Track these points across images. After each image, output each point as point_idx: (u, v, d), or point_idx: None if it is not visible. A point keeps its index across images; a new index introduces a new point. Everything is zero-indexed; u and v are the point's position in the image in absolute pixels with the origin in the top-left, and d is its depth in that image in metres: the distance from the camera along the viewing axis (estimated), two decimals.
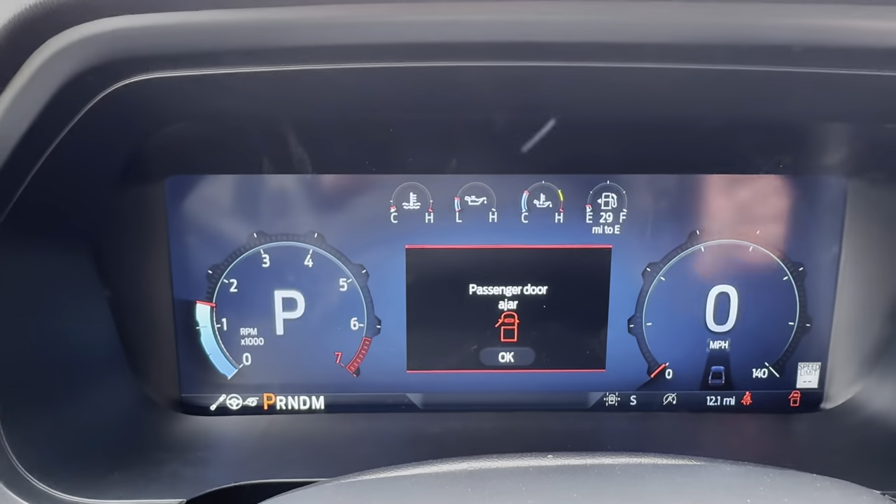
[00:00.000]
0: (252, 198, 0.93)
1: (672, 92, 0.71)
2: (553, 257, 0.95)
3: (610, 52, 0.65)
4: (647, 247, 0.95)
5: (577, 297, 0.97)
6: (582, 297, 0.97)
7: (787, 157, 0.87)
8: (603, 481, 0.58)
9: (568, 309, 0.97)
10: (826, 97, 0.70)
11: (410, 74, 0.67)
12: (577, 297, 0.97)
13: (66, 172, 0.73)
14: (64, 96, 0.64)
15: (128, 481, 0.78)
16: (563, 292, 0.96)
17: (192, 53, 0.64)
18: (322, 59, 0.65)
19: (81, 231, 0.85)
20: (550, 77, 0.68)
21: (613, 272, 0.96)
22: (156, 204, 0.92)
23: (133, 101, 0.68)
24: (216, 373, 0.99)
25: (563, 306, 0.97)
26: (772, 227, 0.95)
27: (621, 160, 0.91)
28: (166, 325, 0.97)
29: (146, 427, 0.93)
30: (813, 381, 1.00)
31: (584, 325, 0.98)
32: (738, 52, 0.63)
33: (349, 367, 0.99)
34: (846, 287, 0.96)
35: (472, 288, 0.96)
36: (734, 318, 0.97)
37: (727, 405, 1.01)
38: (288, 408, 1.00)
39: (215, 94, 0.69)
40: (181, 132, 0.80)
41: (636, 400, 1.01)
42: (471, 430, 0.95)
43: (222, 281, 0.96)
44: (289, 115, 0.78)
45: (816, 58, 0.63)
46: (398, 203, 0.93)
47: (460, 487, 0.57)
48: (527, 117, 0.80)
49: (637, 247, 0.95)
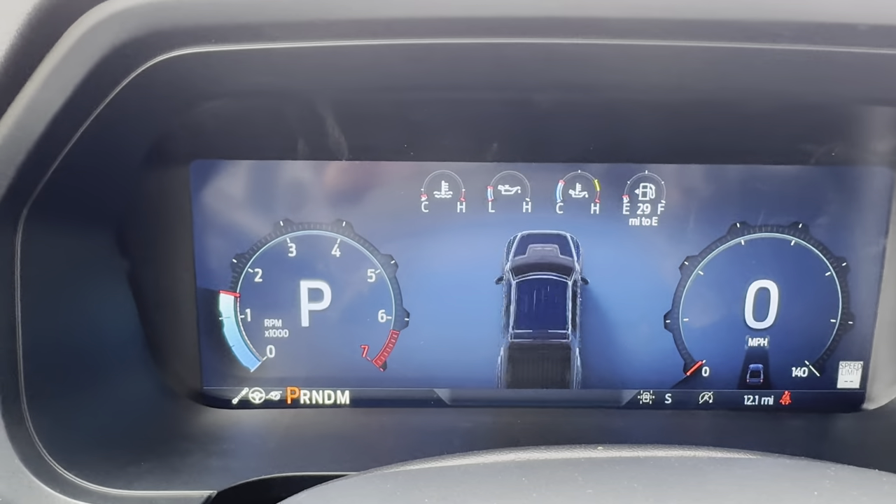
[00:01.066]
0: (278, 185, 0.91)
1: (722, 72, 0.68)
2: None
3: (658, 30, 0.63)
4: (686, 240, 0.93)
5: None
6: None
7: (837, 145, 0.85)
8: (662, 473, 0.55)
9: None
10: (885, 79, 0.68)
11: (452, 51, 0.65)
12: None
13: (97, 151, 0.71)
14: (102, 71, 0.63)
15: (155, 472, 0.76)
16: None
17: (232, 27, 0.62)
18: (363, 34, 0.63)
19: (107, 215, 0.83)
20: (595, 56, 0.66)
21: (650, 266, 0.93)
22: (180, 189, 0.90)
23: (170, 77, 0.66)
24: (239, 365, 0.96)
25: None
26: (815, 220, 0.93)
27: (661, 149, 0.89)
28: (188, 315, 0.95)
29: (169, 419, 0.90)
30: (854, 380, 0.97)
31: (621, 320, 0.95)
32: (802, 30, 0.61)
33: (376, 360, 0.96)
34: (891, 283, 0.94)
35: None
36: (774, 314, 0.95)
37: (765, 405, 0.98)
38: (312, 402, 0.98)
39: (254, 71, 0.67)
40: (212, 112, 0.78)
41: (671, 398, 0.98)
42: (502, 425, 0.93)
43: (247, 270, 0.94)
44: (327, 93, 0.76)
45: (881, 37, 0.61)
46: (429, 192, 0.91)
47: (513, 477, 0.54)
48: (568, 98, 0.77)
49: (675, 239, 0.93)
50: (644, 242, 0.93)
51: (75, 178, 0.71)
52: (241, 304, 0.94)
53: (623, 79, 0.71)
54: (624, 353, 0.96)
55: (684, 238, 0.93)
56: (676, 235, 0.93)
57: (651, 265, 0.94)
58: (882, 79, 0.68)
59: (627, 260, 0.93)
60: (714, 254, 0.93)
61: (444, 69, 0.68)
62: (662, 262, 0.94)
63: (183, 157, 0.89)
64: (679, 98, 0.78)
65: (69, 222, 0.77)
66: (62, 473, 0.71)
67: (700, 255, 0.94)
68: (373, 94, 0.75)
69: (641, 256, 0.93)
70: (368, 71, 0.68)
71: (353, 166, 0.90)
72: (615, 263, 0.93)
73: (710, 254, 0.94)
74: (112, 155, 0.76)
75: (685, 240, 0.93)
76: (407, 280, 0.94)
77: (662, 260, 0.94)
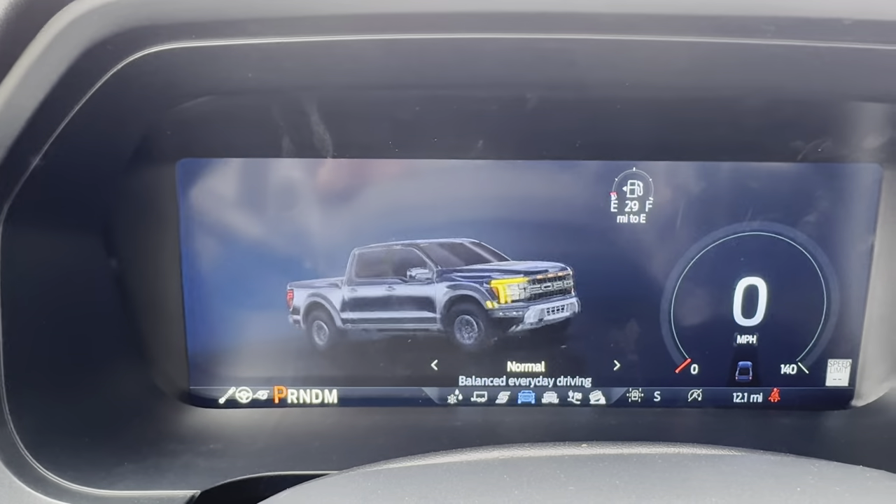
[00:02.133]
0: (266, 183, 0.90)
1: (708, 68, 0.68)
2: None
3: (644, 25, 0.62)
4: (674, 237, 0.93)
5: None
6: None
7: (825, 141, 0.85)
8: (645, 470, 0.55)
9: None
10: (870, 74, 0.68)
11: (437, 47, 0.64)
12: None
13: (78, 150, 0.71)
14: (81, 66, 0.62)
15: (139, 471, 0.76)
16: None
17: (213, 22, 0.62)
18: (347, 29, 0.63)
19: (92, 214, 0.83)
20: (582, 52, 0.66)
21: (638, 263, 0.93)
22: (167, 187, 0.90)
23: (152, 73, 0.65)
24: (226, 364, 0.96)
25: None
26: (803, 217, 0.92)
27: (649, 146, 0.88)
28: (175, 314, 0.94)
29: (155, 418, 0.90)
30: (843, 378, 0.97)
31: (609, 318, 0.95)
32: (787, 25, 0.60)
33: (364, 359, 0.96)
34: (879, 280, 0.93)
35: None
36: (763, 311, 0.94)
37: (754, 402, 0.98)
38: (300, 401, 0.97)
39: (236, 67, 0.67)
40: (196, 110, 0.77)
41: (660, 396, 0.98)
42: (492, 423, 0.92)
43: (234, 270, 0.93)
44: (311, 90, 0.76)
45: (865, 31, 0.61)
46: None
47: (495, 475, 0.54)
48: (555, 95, 0.77)
49: (663, 237, 0.92)
50: (632, 240, 0.92)
51: (57, 177, 0.71)
52: (228, 303, 0.93)
53: (609, 75, 0.70)
54: (612, 351, 0.96)
55: (672, 235, 0.93)
56: (664, 233, 0.92)
57: (639, 263, 0.93)
58: (868, 74, 0.68)
59: (615, 257, 0.93)
60: (702, 251, 0.93)
61: (428, 65, 0.68)
62: (650, 259, 0.93)
63: (169, 155, 0.88)
64: (666, 95, 0.77)
65: (52, 221, 0.76)
66: (44, 474, 0.70)
67: (688, 253, 0.93)
68: (357, 90, 0.74)
69: (629, 254, 0.93)
70: (352, 67, 0.68)
71: (339, 164, 0.89)
72: (603, 261, 0.93)
73: (698, 251, 0.93)
74: (95, 153, 0.75)
75: (673, 237, 0.93)
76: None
77: (650, 257, 0.93)
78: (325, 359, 0.96)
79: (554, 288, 0.93)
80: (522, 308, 0.94)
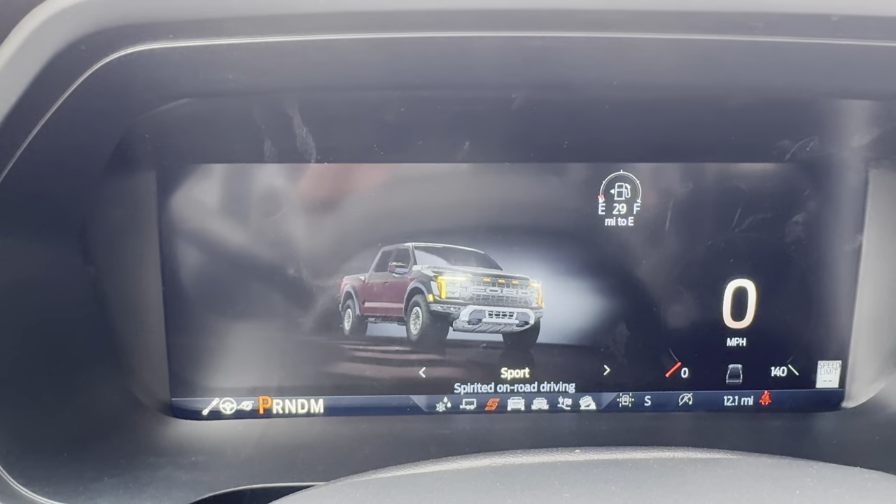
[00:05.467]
0: (247, 189, 0.89)
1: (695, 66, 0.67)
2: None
3: (630, 22, 0.62)
4: (662, 239, 0.92)
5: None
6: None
7: (813, 140, 0.84)
8: (641, 475, 0.54)
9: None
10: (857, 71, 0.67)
11: (421, 46, 0.63)
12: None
13: (54, 154, 0.69)
14: (55, 68, 0.60)
15: (119, 486, 0.74)
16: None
17: (190, 22, 0.60)
18: (329, 28, 0.61)
19: (68, 221, 0.81)
20: (568, 50, 0.65)
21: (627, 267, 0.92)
22: (146, 194, 0.88)
23: (129, 75, 0.64)
24: (208, 375, 0.94)
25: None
26: (791, 218, 0.92)
27: (636, 147, 0.88)
28: (156, 324, 0.92)
29: (136, 431, 0.88)
30: (833, 379, 0.97)
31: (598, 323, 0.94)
32: (775, 21, 0.60)
33: (351, 369, 0.94)
34: (867, 281, 0.93)
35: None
36: (752, 314, 0.94)
37: (745, 405, 0.97)
38: (285, 412, 0.95)
39: (216, 68, 0.65)
40: (175, 113, 0.75)
41: (651, 400, 0.97)
42: (481, 431, 0.91)
43: (215, 279, 0.91)
44: (292, 92, 0.74)
45: (854, 28, 0.61)
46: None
47: (487, 482, 0.52)
48: (541, 95, 0.76)
49: (651, 239, 0.92)
50: (620, 243, 0.91)
51: (31, 183, 0.69)
52: (210, 312, 0.91)
53: (596, 74, 0.69)
54: (601, 356, 0.95)
55: (661, 238, 0.92)
56: (653, 235, 0.92)
57: (627, 266, 0.92)
58: (856, 71, 0.68)
59: (603, 261, 0.92)
60: (691, 253, 0.92)
61: (412, 64, 0.66)
62: (638, 262, 0.92)
63: (148, 160, 0.86)
64: (654, 94, 0.77)
65: (26, 229, 0.74)
66: (19, 490, 0.69)
67: (677, 255, 0.93)
68: (340, 91, 0.73)
69: (617, 257, 0.92)
70: (335, 67, 0.66)
71: (325, 169, 0.88)
72: (590, 264, 0.92)
73: (686, 254, 0.93)
74: (70, 159, 0.73)
75: (662, 240, 0.92)
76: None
77: (638, 260, 0.92)
78: (311, 367, 0.94)
79: (502, 293, 0.92)
80: (459, 306, 0.93)
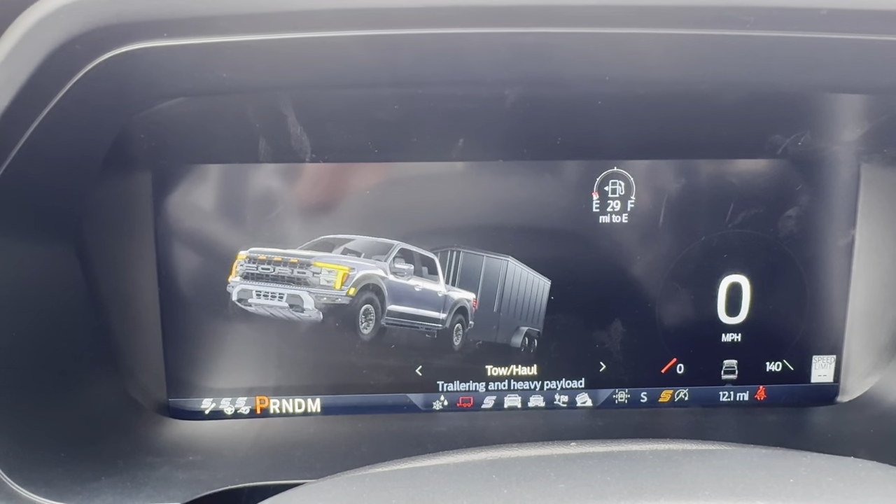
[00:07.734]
0: (243, 190, 0.89)
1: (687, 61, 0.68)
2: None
3: (621, 17, 0.62)
4: (657, 236, 0.92)
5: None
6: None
7: (804, 135, 0.85)
8: (636, 466, 0.54)
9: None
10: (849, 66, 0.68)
11: (415, 43, 0.63)
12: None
13: (49, 154, 0.69)
14: (50, 67, 0.60)
15: (117, 486, 0.74)
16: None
17: (186, 20, 0.60)
18: (321, 25, 0.61)
19: (64, 222, 0.80)
20: (560, 46, 0.65)
21: (621, 263, 0.92)
22: (142, 194, 0.88)
23: (124, 74, 0.64)
24: (205, 375, 0.94)
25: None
26: (784, 213, 0.92)
27: (629, 144, 0.88)
28: (153, 325, 0.92)
29: (133, 431, 0.87)
30: (828, 374, 0.97)
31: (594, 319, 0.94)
32: (766, 15, 0.60)
33: (347, 368, 0.94)
34: (861, 275, 0.94)
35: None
36: (747, 309, 0.94)
37: (740, 400, 0.97)
38: (282, 411, 0.95)
39: (210, 66, 0.65)
40: (170, 112, 0.75)
41: (646, 397, 0.97)
42: (478, 428, 0.91)
43: (212, 279, 0.91)
44: (287, 90, 0.74)
45: (843, 21, 0.61)
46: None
47: (483, 475, 0.53)
48: (534, 93, 0.76)
49: (646, 236, 0.92)
50: (615, 240, 0.92)
51: (26, 184, 0.69)
52: (206, 313, 0.91)
53: (588, 69, 0.70)
54: (597, 353, 0.95)
55: (655, 234, 0.92)
56: (647, 232, 0.92)
57: (622, 262, 0.93)
58: (847, 65, 0.68)
59: (597, 258, 0.92)
60: (685, 250, 0.93)
61: (406, 62, 0.67)
62: (633, 259, 0.93)
63: (143, 160, 0.86)
64: (646, 90, 0.77)
65: (21, 230, 0.74)
66: (17, 490, 0.68)
67: (671, 252, 0.93)
68: (334, 90, 0.73)
69: (612, 254, 0.92)
70: (329, 64, 0.67)
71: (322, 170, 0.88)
72: (585, 261, 0.92)
73: (681, 250, 0.93)
74: (65, 159, 0.73)
75: (656, 236, 0.92)
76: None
77: (633, 257, 0.93)
78: (307, 366, 0.94)
79: (275, 272, 0.92)
80: (232, 284, 0.92)
